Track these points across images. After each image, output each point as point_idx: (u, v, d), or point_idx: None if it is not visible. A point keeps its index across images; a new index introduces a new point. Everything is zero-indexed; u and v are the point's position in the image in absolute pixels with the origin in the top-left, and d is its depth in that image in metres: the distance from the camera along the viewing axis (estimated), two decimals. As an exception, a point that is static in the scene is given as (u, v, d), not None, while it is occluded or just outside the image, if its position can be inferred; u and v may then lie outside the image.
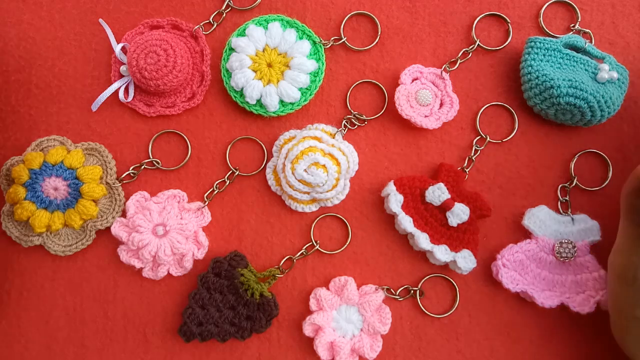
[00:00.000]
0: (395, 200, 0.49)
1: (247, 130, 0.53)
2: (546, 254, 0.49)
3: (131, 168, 0.52)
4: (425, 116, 0.51)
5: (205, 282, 0.49)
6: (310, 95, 0.51)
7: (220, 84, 0.53)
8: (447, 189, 0.49)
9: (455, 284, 0.50)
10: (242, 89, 0.51)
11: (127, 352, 0.51)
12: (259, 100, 0.51)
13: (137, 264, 0.49)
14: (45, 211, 0.49)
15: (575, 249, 0.48)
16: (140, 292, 0.51)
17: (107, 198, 0.51)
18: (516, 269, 0.48)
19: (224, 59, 0.52)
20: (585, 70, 0.49)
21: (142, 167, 0.52)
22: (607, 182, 0.51)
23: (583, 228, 0.49)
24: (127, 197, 0.51)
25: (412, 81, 0.52)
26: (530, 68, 0.49)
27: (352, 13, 0.53)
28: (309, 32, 0.52)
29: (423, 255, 0.51)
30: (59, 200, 0.49)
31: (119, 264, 0.50)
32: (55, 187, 0.49)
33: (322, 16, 0.53)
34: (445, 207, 0.48)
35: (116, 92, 0.52)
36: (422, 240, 0.48)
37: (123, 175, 0.51)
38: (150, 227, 0.49)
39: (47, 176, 0.49)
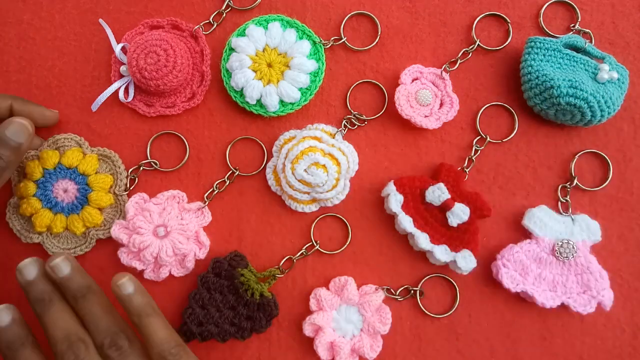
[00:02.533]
0: (395, 200, 0.49)
1: (247, 130, 0.53)
2: (546, 254, 0.49)
3: (130, 171, 0.52)
4: (425, 116, 0.51)
5: (205, 282, 0.49)
6: (310, 95, 0.51)
7: (220, 84, 0.53)
8: (447, 189, 0.49)
9: (455, 284, 0.50)
10: (242, 89, 0.51)
11: (127, 352, 0.51)
12: (259, 100, 0.51)
13: (139, 266, 0.49)
14: (49, 211, 0.49)
15: (575, 249, 0.48)
16: (140, 292, 0.51)
17: (112, 207, 0.51)
18: (516, 269, 0.48)
19: (224, 59, 0.52)
20: (585, 70, 0.49)
21: (141, 168, 0.52)
22: (607, 182, 0.51)
23: (583, 228, 0.49)
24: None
25: (412, 81, 0.52)
26: (530, 68, 0.49)
27: (352, 13, 0.53)
28: (309, 32, 0.52)
29: (423, 255, 0.51)
30: (65, 203, 0.50)
31: (120, 265, 0.50)
32: (65, 188, 0.49)
33: (322, 16, 0.53)
34: (445, 207, 0.48)
35: (116, 92, 0.52)
36: (422, 240, 0.48)
37: (127, 181, 0.51)
38: (150, 228, 0.49)
39: (61, 178, 0.49)
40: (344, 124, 0.52)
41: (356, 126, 0.52)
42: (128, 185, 0.51)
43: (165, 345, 0.42)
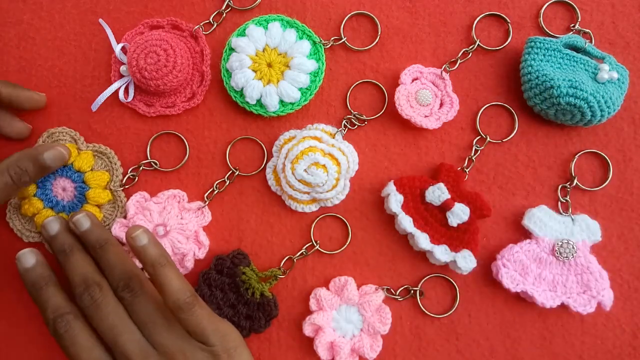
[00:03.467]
0: (395, 200, 0.49)
1: (247, 130, 0.53)
2: (546, 254, 0.49)
3: (130, 170, 0.52)
4: (425, 116, 0.51)
5: (206, 279, 0.49)
6: (310, 95, 0.51)
7: (220, 84, 0.53)
8: (447, 189, 0.49)
9: (455, 284, 0.50)
10: (242, 89, 0.51)
11: (127, 352, 0.50)
12: (259, 100, 0.51)
13: (138, 264, 0.49)
14: (51, 211, 0.49)
15: (575, 249, 0.48)
16: (140, 292, 0.51)
17: (111, 204, 0.51)
18: (516, 269, 0.48)
19: (224, 59, 0.52)
20: (585, 70, 0.49)
21: (141, 168, 0.52)
22: (607, 182, 0.51)
23: (583, 228, 0.49)
24: (127, 198, 0.51)
25: (412, 81, 0.52)
26: (530, 68, 0.49)
27: (352, 13, 0.53)
28: (309, 32, 0.52)
29: (423, 255, 0.51)
30: (65, 202, 0.50)
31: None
32: (64, 187, 0.50)
33: (322, 16, 0.53)
34: (445, 207, 0.48)
35: (116, 92, 0.52)
36: (422, 240, 0.48)
37: (124, 179, 0.51)
38: (150, 227, 0.49)
39: (59, 175, 0.49)
40: (344, 124, 0.52)
41: (356, 126, 0.52)
42: (123, 182, 0.51)
43: (180, 294, 0.44)
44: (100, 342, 0.44)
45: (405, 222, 0.48)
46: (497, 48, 0.53)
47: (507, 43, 0.52)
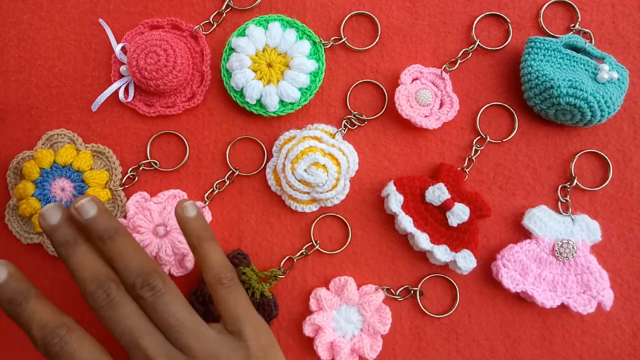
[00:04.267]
0: (395, 200, 0.49)
1: (247, 130, 0.53)
2: (546, 254, 0.49)
3: (129, 170, 0.52)
4: (425, 116, 0.51)
5: (205, 281, 0.49)
6: (310, 95, 0.51)
7: (220, 84, 0.53)
8: (447, 189, 0.49)
9: (455, 284, 0.50)
10: (242, 89, 0.51)
11: (127, 352, 0.51)
12: (259, 100, 0.51)
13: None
14: None
15: (575, 249, 0.48)
16: (140, 292, 0.51)
17: (110, 203, 0.51)
18: (516, 269, 0.48)
19: (224, 59, 0.52)
20: (585, 70, 0.49)
21: (141, 168, 0.52)
22: (607, 182, 0.51)
23: (583, 228, 0.49)
24: (127, 199, 0.51)
25: (412, 81, 0.52)
26: (530, 68, 0.49)
27: (352, 13, 0.53)
28: (309, 32, 0.52)
29: (423, 255, 0.51)
30: (64, 202, 0.49)
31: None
32: (62, 187, 0.50)
33: (322, 16, 0.53)
34: (445, 207, 0.48)
35: (116, 92, 0.52)
36: (422, 240, 0.48)
37: (124, 179, 0.51)
38: (150, 227, 0.49)
39: (58, 176, 0.50)
40: (344, 124, 0.52)
41: (356, 126, 0.52)
42: (123, 181, 0.51)
43: (222, 268, 0.41)
44: (104, 349, 0.39)
45: (405, 222, 0.48)
46: (497, 48, 0.53)
47: (507, 43, 0.52)
